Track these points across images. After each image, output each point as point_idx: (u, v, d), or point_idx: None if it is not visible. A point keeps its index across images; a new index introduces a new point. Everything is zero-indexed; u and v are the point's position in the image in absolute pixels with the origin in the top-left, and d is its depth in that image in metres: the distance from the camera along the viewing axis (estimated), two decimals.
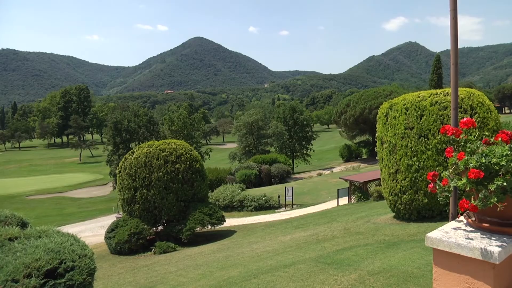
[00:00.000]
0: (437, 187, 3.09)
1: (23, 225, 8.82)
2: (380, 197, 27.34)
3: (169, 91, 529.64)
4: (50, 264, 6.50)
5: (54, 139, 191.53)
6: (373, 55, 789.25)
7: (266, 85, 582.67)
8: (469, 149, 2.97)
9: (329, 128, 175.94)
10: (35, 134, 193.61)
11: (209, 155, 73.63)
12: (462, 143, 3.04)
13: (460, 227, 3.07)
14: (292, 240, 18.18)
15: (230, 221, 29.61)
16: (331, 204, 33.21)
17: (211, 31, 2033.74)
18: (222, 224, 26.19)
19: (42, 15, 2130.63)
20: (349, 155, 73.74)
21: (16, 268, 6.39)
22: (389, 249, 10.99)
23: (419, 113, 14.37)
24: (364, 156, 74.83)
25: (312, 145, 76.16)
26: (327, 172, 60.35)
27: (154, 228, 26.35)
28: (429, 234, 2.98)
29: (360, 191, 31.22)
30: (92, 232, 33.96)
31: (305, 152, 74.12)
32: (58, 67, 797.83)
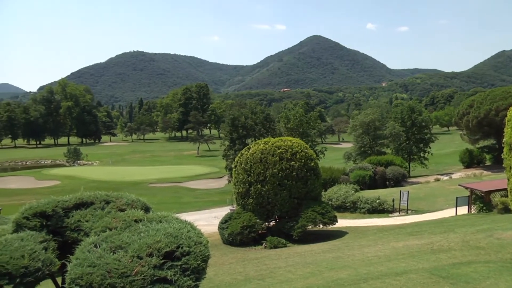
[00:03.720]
0: None
1: (146, 209, 9.47)
2: (506, 210, 25.24)
3: (286, 89, 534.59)
4: (169, 247, 6.92)
5: (175, 133, 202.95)
6: (503, 50, 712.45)
7: (383, 84, 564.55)
8: None
9: (449, 130, 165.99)
10: (157, 127, 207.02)
11: (324, 154, 73.06)
12: None
13: None
14: (405, 247, 17.51)
15: (342, 222, 29.17)
16: (449, 212, 31.26)
17: (329, 29, 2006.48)
18: (334, 224, 25.93)
19: (167, 19, 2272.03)
20: (470, 160, 68.83)
21: (140, 246, 6.91)
22: None
23: None
24: (488, 163, 69.47)
25: (430, 148, 72.22)
26: (445, 177, 57.05)
27: (266, 223, 26.82)
28: None
29: (481, 201, 29.01)
30: (206, 221, 35.39)
31: (422, 155, 70.57)
32: (181, 67, 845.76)
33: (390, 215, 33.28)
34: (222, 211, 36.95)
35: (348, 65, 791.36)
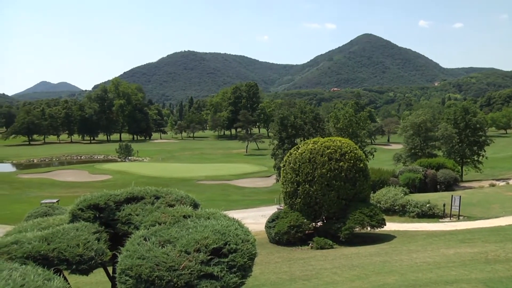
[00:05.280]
0: None
1: (195, 206, 9.63)
2: None
3: (336, 88, 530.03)
4: (216, 244, 7.01)
5: (224, 131, 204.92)
6: None
7: (436, 84, 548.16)
8: None
9: (506, 133, 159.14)
10: (207, 126, 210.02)
11: (373, 155, 71.90)
12: None
13: None
14: (456, 255, 16.96)
15: (390, 225, 28.58)
16: (505, 220, 29.83)
17: (380, 27, 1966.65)
18: (382, 227, 25.45)
19: (218, 19, 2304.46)
20: None
21: (188, 242, 7.05)
22: None
23: None
24: None
25: (485, 151, 69.44)
26: (501, 183, 54.79)
27: (313, 223, 26.65)
28: None
29: None
30: (253, 220, 35.53)
31: (476, 158, 68.09)
32: (230, 66, 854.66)
33: (440, 220, 32.30)
34: (270, 210, 37.00)
35: (400, 64, 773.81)
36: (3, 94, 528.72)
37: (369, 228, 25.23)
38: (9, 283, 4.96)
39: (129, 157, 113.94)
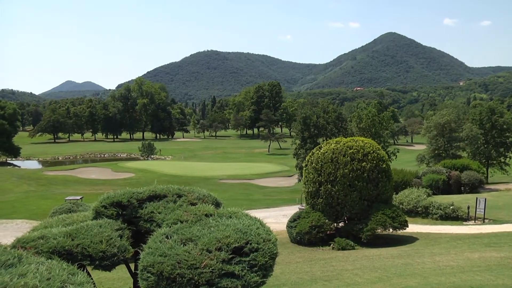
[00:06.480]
0: None
1: (217, 204, 9.68)
2: None
3: (359, 88, 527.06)
4: (238, 243, 7.03)
5: (246, 131, 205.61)
6: None
7: (461, 83, 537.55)
8: None
9: None
10: (229, 125, 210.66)
11: (396, 156, 71.13)
12: None
13: None
14: (481, 259, 16.66)
15: (412, 227, 28.21)
16: None
17: (404, 26, 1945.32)
18: (405, 229, 25.17)
19: (241, 19, 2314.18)
20: None
21: (210, 240, 7.10)
22: None
23: None
24: None
25: None
26: None
27: (335, 224, 26.50)
28: None
29: None
30: (275, 219, 35.46)
31: (502, 160, 66.71)
32: (253, 65, 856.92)
33: (464, 223, 31.73)
34: (291, 210, 36.90)
35: (424, 63, 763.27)
36: (31, 93, 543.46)
37: (391, 230, 24.98)
38: (37, 276, 5.10)
39: (152, 156, 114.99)
